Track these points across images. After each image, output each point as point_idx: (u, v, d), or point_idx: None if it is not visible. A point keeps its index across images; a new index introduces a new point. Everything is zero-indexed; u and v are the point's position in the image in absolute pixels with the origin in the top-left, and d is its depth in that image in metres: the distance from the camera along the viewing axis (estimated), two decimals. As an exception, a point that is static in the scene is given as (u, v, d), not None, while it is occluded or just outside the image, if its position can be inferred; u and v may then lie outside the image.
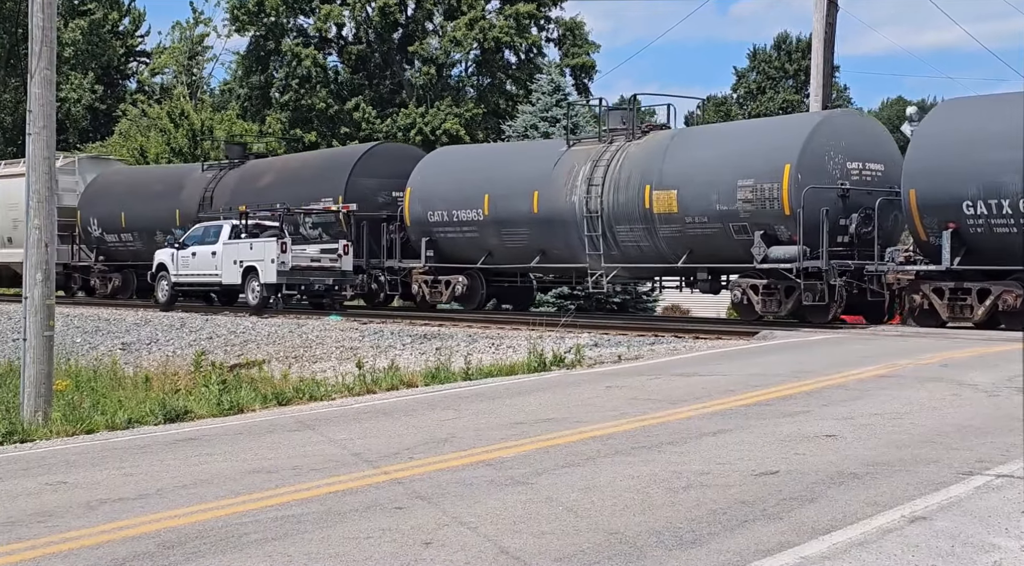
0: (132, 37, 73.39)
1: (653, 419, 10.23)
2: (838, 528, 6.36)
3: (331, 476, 8.14)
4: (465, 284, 27.06)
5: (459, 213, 26.93)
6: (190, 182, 34.22)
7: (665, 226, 22.96)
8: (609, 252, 24.08)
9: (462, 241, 27.13)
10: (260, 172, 32.76)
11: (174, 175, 36.53)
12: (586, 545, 6.15)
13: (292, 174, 31.49)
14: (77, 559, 6.17)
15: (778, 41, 78.29)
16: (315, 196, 29.12)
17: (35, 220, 13.85)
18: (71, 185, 37.43)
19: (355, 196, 28.36)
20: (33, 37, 13.75)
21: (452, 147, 36.42)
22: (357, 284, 28.07)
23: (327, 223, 28.91)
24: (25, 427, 11.64)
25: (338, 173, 29.59)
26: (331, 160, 32.32)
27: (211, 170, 34.24)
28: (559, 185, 25.02)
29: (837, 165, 21.32)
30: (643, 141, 24.29)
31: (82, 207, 36.83)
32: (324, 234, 28.60)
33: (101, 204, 36.36)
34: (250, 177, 32.43)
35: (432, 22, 58.38)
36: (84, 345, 25.12)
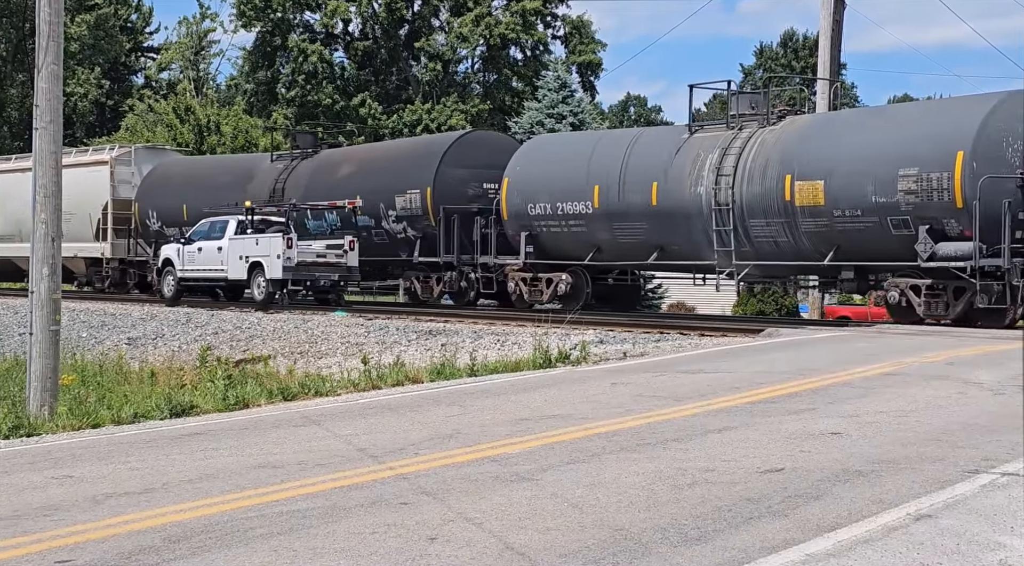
0: (139, 32, 73.51)
1: (658, 416, 10.23)
2: (843, 526, 6.35)
3: (336, 471, 8.14)
4: (569, 282, 25.15)
5: (564, 206, 25.06)
6: (259, 173, 32.58)
7: (808, 220, 21.00)
8: (740, 248, 22.12)
9: (567, 236, 25.23)
10: (337, 162, 31.01)
11: (241, 166, 34.72)
12: (591, 541, 6.15)
13: (374, 164, 29.73)
14: (83, 553, 6.18)
15: (785, 38, 78.24)
16: (400, 188, 27.78)
17: (41, 215, 13.89)
18: (127, 176, 35.94)
19: (444, 187, 27.02)
20: (40, 32, 13.77)
21: (555, 134, 34.13)
22: (446, 281, 27.03)
23: (412, 216, 27.52)
24: (31, 421, 11.65)
25: (426, 163, 27.79)
26: (418, 149, 30.09)
27: (281, 160, 32.58)
28: (682, 175, 23.06)
29: (1017, 152, 19.34)
30: (779, 127, 22.38)
31: (139, 199, 35.20)
32: (409, 228, 27.51)
33: (160, 196, 34.62)
34: (326, 168, 30.81)
35: (438, 18, 58.44)
36: (90, 340, 25.15)
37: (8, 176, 40.02)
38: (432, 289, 27.79)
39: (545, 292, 25.57)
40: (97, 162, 35.93)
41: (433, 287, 27.75)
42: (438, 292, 27.58)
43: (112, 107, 67.40)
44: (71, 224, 33.61)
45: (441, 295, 27.98)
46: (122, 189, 35.35)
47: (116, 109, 66.26)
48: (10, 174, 40.47)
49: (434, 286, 27.70)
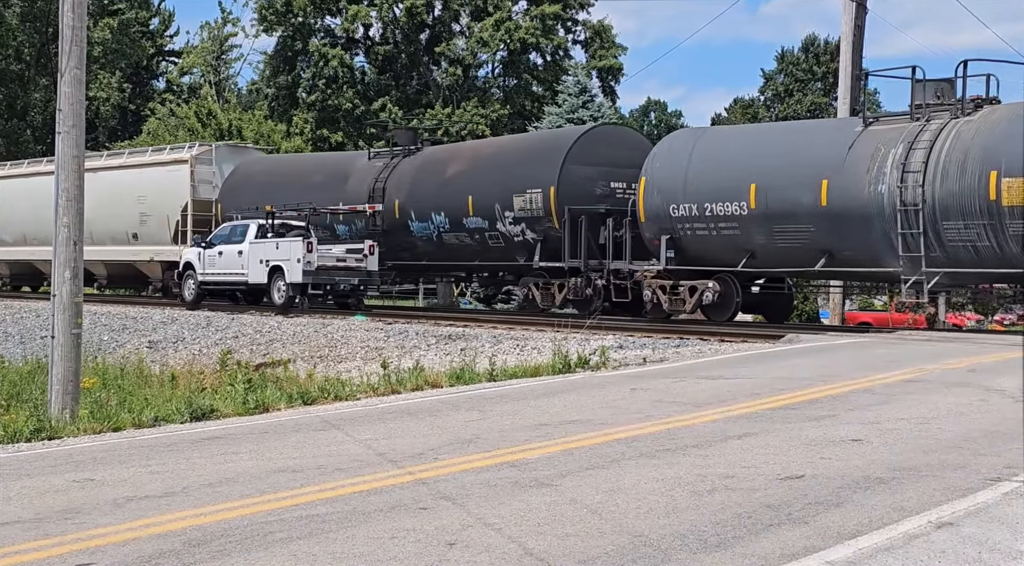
0: (161, 37, 73.89)
1: (678, 422, 10.21)
2: (864, 533, 6.33)
3: (356, 476, 8.15)
4: (716, 291, 22.87)
5: (714, 206, 22.58)
6: (356, 172, 30.75)
7: (1019, 222, 18.65)
8: (929, 254, 19.78)
9: (715, 240, 22.80)
10: (444, 160, 29.08)
11: (336, 164, 32.83)
12: (610, 547, 6.14)
13: (488, 162, 27.73)
14: (104, 556, 6.20)
15: (806, 43, 78.02)
16: (518, 187, 25.84)
17: (64, 218, 13.98)
18: (207, 176, 33.93)
19: (569, 187, 25.10)
20: (63, 36, 13.85)
21: (701, 128, 31.65)
22: (571, 288, 24.87)
23: (533, 218, 25.64)
24: (53, 424, 11.71)
25: (548, 160, 25.73)
26: (538, 145, 27.67)
27: (380, 158, 30.63)
28: (857, 172, 20.75)
29: None
30: (976, 118, 19.93)
31: (222, 200, 33.13)
32: (528, 230, 25.77)
33: (245, 196, 32.16)
34: (431, 166, 28.94)
35: (459, 23, 58.53)
36: (111, 343, 25.28)
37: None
38: (553, 296, 25.77)
39: (688, 301, 23.34)
40: (176, 161, 34.21)
41: (555, 294, 25.71)
42: (560, 300, 25.62)
43: (134, 111, 67.73)
44: (147, 226, 33.52)
45: (564, 303, 25.88)
46: (202, 189, 33.48)
47: (138, 113, 66.57)
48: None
49: (555, 293, 25.66)
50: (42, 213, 37.45)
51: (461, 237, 27.36)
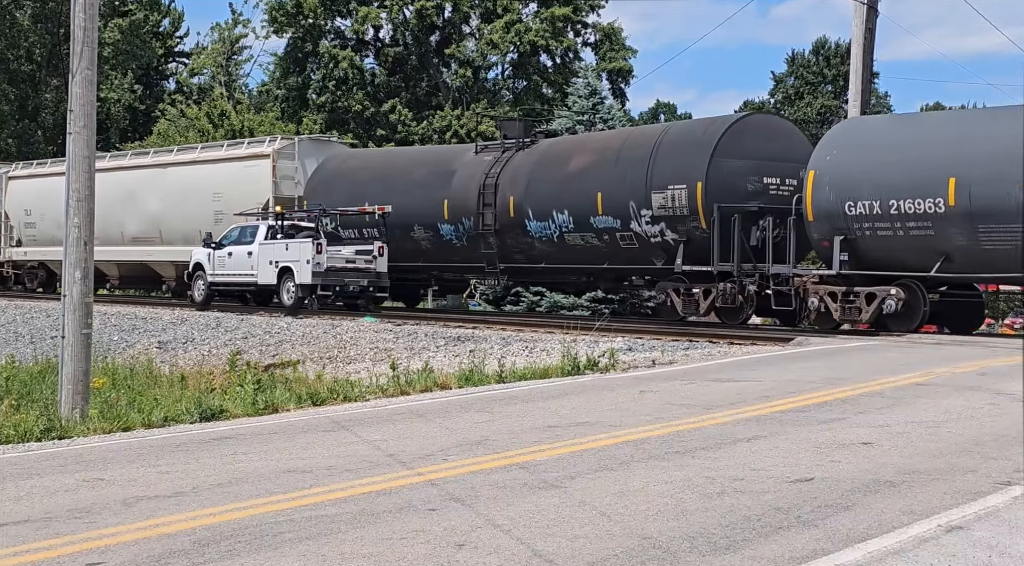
0: (171, 38, 74.03)
1: (687, 424, 10.20)
2: (873, 536, 6.32)
3: (365, 477, 8.16)
4: (900, 298, 20.18)
5: (902, 203, 19.94)
6: (462, 167, 28.19)
7: None
8: None
9: (902, 241, 20.20)
10: (565, 153, 26.33)
11: (439, 159, 30.14)
12: (619, 549, 6.14)
13: (620, 155, 24.95)
14: (113, 555, 6.21)
15: (817, 46, 77.95)
16: (658, 183, 23.43)
17: (74, 219, 13.99)
18: (289, 171, 31.80)
19: (718, 183, 22.65)
20: (74, 37, 13.89)
21: (883, 116, 28.13)
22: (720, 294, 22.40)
23: (674, 217, 23.18)
24: (63, 424, 11.74)
25: (694, 153, 23.20)
26: (682, 137, 24.73)
27: (488, 152, 28.17)
28: None
29: None
30: None
31: (308, 197, 30.87)
32: (668, 231, 23.37)
33: (335, 194, 30.05)
34: (551, 160, 26.30)
35: (469, 25, 58.57)
36: (121, 343, 25.32)
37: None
38: (697, 303, 23.19)
39: (865, 310, 20.66)
40: (256, 156, 32.16)
41: (699, 301, 23.11)
42: (706, 307, 23.06)
43: (144, 112, 67.86)
44: (223, 226, 31.19)
45: (709, 310, 23.32)
46: (284, 186, 31.44)
47: (148, 114, 66.70)
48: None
49: (700, 300, 23.08)
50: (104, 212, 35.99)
51: (587, 238, 24.95)
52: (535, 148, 27.11)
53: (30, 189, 39.58)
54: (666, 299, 23.86)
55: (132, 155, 38.56)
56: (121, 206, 34.66)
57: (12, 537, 6.68)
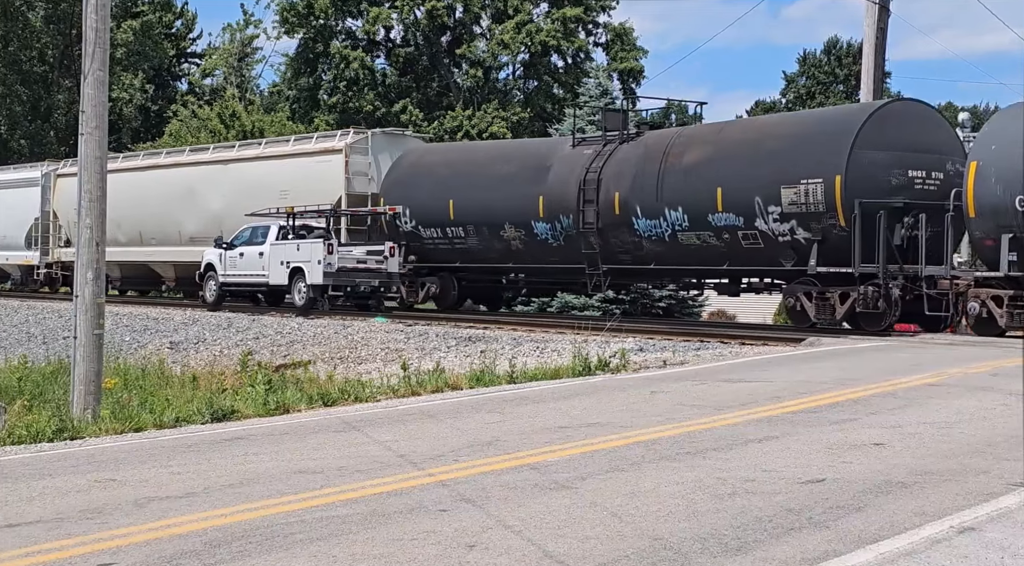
0: (183, 39, 74.19)
1: (698, 425, 10.19)
2: (885, 537, 6.30)
3: (376, 477, 8.17)
4: None
5: None
6: (558, 161, 26.11)
7: None
8: None
9: None
10: (679, 145, 24.13)
11: (531, 153, 27.96)
12: (630, 551, 6.13)
13: (742, 147, 23.03)
14: (126, 556, 6.23)
15: (828, 45, 77.79)
16: (788, 177, 21.48)
17: (86, 219, 14.03)
18: (362, 167, 30.03)
19: (859, 176, 20.62)
20: (87, 38, 13.92)
21: None
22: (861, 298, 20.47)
23: (808, 214, 21.21)
24: (75, 424, 11.77)
25: (831, 144, 21.25)
26: (815, 127, 22.75)
27: (588, 145, 26.03)
28: None
29: None
30: None
31: (386, 194, 29.14)
32: (800, 229, 21.40)
33: (415, 190, 28.50)
34: (662, 152, 24.08)
35: (480, 25, 58.58)
36: (133, 344, 25.37)
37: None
38: (833, 308, 21.14)
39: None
40: (327, 151, 30.44)
41: (835, 306, 21.07)
42: (844, 312, 20.94)
43: (156, 113, 68.02)
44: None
45: (846, 316, 21.10)
46: (357, 182, 29.66)
47: (160, 115, 66.84)
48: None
49: (836, 304, 21.03)
50: (162, 210, 34.06)
51: (704, 237, 22.93)
52: (641, 140, 24.98)
53: None
54: (795, 303, 21.88)
55: (190, 151, 37.03)
56: (179, 204, 33.54)
57: (24, 537, 6.69)
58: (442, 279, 28.49)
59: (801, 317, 21.97)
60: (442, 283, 28.50)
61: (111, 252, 36.75)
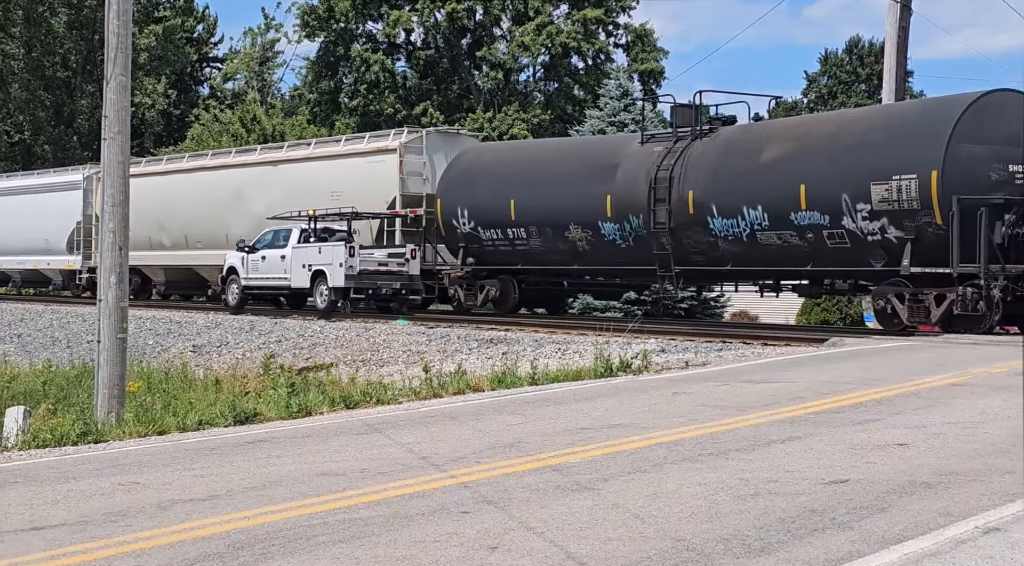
0: (205, 43, 74.52)
1: (721, 426, 10.15)
2: (910, 538, 6.26)
3: (398, 479, 8.17)
4: None
5: None
6: (626, 159, 25.01)
7: None
8: None
9: None
10: (758, 141, 23.02)
11: (596, 150, 26.95)
12: (653, 552, 6.12)
13: (827, 142, 21.96)
14: (149, 559, 6.25)
15: (850, 45, 77.47)
16: (879, 173, 20.43)
17: (109, 224, 14.10)
18: (417, 167, 29.30)
19: (957, 171, 19.63)
20: (109, 44, 14.01)
21: None
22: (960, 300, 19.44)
23: (900, 211, 20.14)
24: (99, 428, 11.83)
25: (926, 137, 20.23)
26: (907, 120, 21.68)
27: (658, 142, 24.93)
28: None
29: None
30: None
31: (443, 195, 28.33)
32: (891, 227, 20.42)
33: (474, 190, 27.61)
34: (740, 149, 23.16)
35: (500, 27, 58.62)
36: (156, 347, 25.50)
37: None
38: (928, 310, 20.10)
39: None
40: (381, 150, 29.77)
41: (930, 308, 20.03)
42: (939, 315, 19.85)
43: (178, 117, 68.32)
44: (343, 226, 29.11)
45: (943, 319, 19.98)
46: (412, 183, 29.01)
47: (182, 119, 67.14)
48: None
49: (932, 306, 19.99)
50: (208, 213, 33.55)
51: (786, 236, 21.96)
52: (716, 136, 23.88)
53: None
54: (886, 305, 20.75)
55: (237, 152, 36.66)
56: (227, 207, 32.98)
57: (49, 540, 6.73)
58: (502, 282, 27.48)
59: (891, 320, 20.90)
60: (502, 286, 27.47)
61: (156, 256, 36.10)
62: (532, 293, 28.36)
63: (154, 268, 36.84)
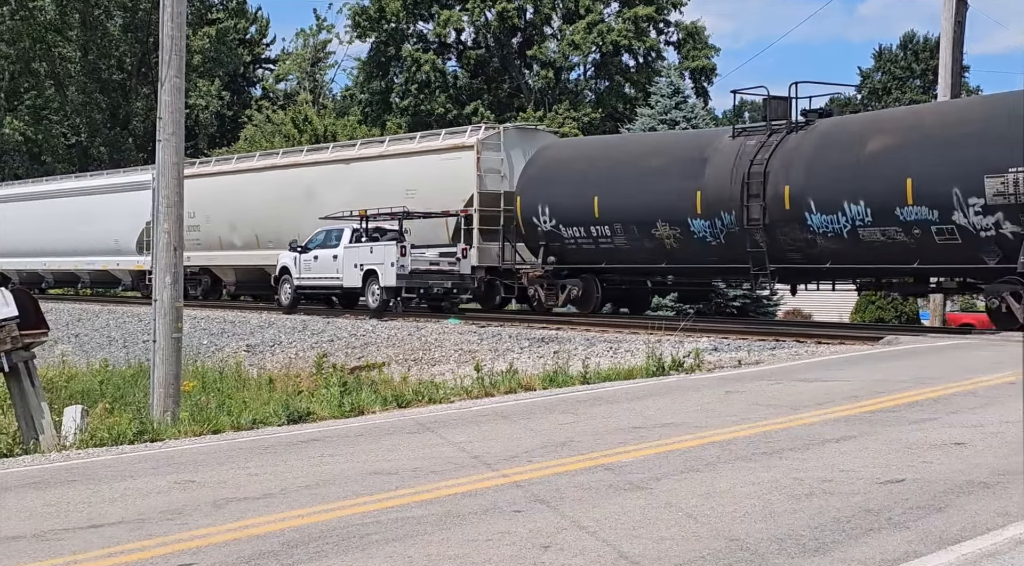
0: (257, 44, 75.16)
1: (774, 425, 10.08)
2: (967, 538, 6.19)
3: (450, 478, 8.19)
4: None
5: None
6: (716, 153, 23.99)
7: None
8: None
9: None
10: (859, 133, 22.06)
11: (684, 145, 25.86)
12: (706, 552, 6.08)
13: (936, 132, 20.75)
14: (205, 556, 6.31)
15: (905, 40, 76.71)
16: (993, 165, 19.31)
17: (164, 224, 14.25)
18: (494, 164, 28.57)
19: None
20: (163, 46, 14.16)
21: None
22: None
23: (1012, 205, 19.14)
24: (155, 427, 11.95)
25: None
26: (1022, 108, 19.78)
27: (750, 135, 23.93)
28: None
29: None
30: None
31: (522, 192, 27.63)
32: (1006, 222, 19.40)
33: (555, 188, 26.88)
34: (840, 141, 22.11)
35: (550, 26, 58.61)
36: (210, 347, 25.74)
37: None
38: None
39: None
40: (457, 147, 29.08)
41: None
42: None
43: (231, 118, 68.93)
44: (416, 226, 28.88)
45: None
46: (489, 180, 28.26)
47: (235, 120, 67.73)
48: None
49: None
50: (279, 212, 33.00)
51: (890, 233, 20.93)
52: (813, 129, 22.91)
53: (194, 189, 35.22)
54: (1000, 304, 19.77)
55: (308, 150, 36.08)
56: (297, 206, 32.34)
57: (107, 538, 6.81)
58: (584, 281, 26.65)
59: (1007, 319, 19.83)
60: (585, 285, 26.64)
61: (226, 256, 35.93)
62: (614, 292, 27.75)
63: (224, 268, 36.65)
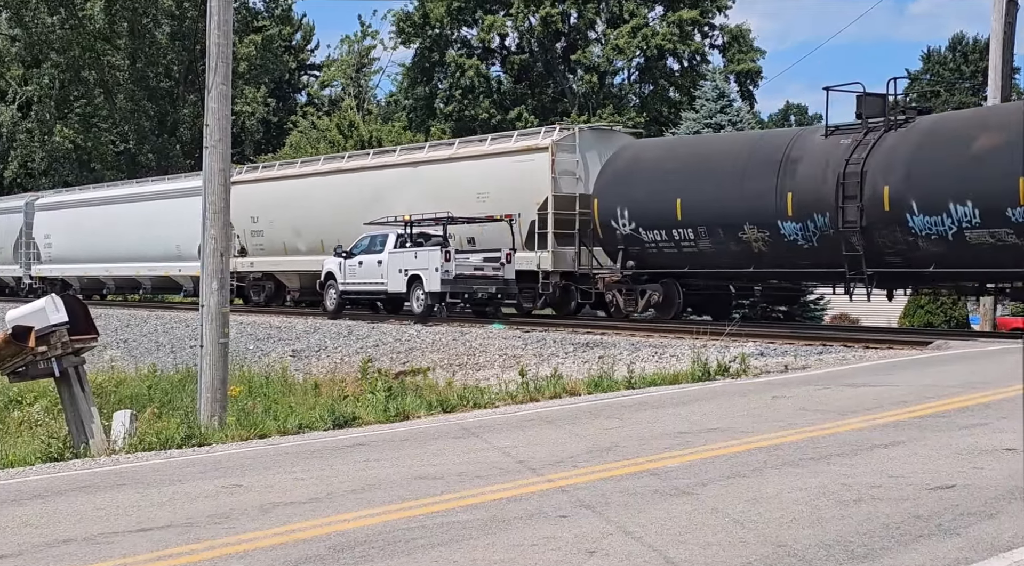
0: (302, 51, 75.68)
1: (821, 430, 10.01)
2: (1020, 545, 6.11)
3: (495, 483, 8.19)
4: None
5: None
6: (808, 153, 22.97)
7: None
8: None
9: None
10: (963, 130, 21.20)
11: (773, 144, 24.32)
12: (753, 557, 6.04)
13: None
14: (253, 560, 6.34)
15: (954, 42, 75.95)
16: None
17: (211, 230, 14.36)
18: (569, 166, 27.84)
19: None
20: (210, 54, 14.27)
21: None
22: None
23: None
24: (202, 431, 12.03)
25: None
26: None
27: (845, 134, 22.76)
28: None
29: None
30: None
31: (600, 194, 26.70)
32: None
33: (635, 190, 25.90)
34: (943, 140, 21.19)
35: (595, 30, 58.56)
36: (256, 352, 25.89)
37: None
38: None
39: None
40: (531, 149, 28.28)
41: None
42: None
43: (277, 124, 69.43)
44: (488, 230, 28.35)
45: None
46: (564, 183, 27.58)
47: (281, 126, 68.21)
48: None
49: None
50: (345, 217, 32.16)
51: (1000, 235, 19.91)
52: (913, 127, 21.85)
53: (257, 194, 35.91)
54: None
55: (375, 153, 35.32)
56: (365, 210, 31.13)
57: (156, 542, 6.86)
58: (665, 286, 25.73)
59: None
60: (666, 290, 25.70)
61: (290, 262, 35.50)
62: (695, 298, 26.85)
63: (288, 274, 36.16)
